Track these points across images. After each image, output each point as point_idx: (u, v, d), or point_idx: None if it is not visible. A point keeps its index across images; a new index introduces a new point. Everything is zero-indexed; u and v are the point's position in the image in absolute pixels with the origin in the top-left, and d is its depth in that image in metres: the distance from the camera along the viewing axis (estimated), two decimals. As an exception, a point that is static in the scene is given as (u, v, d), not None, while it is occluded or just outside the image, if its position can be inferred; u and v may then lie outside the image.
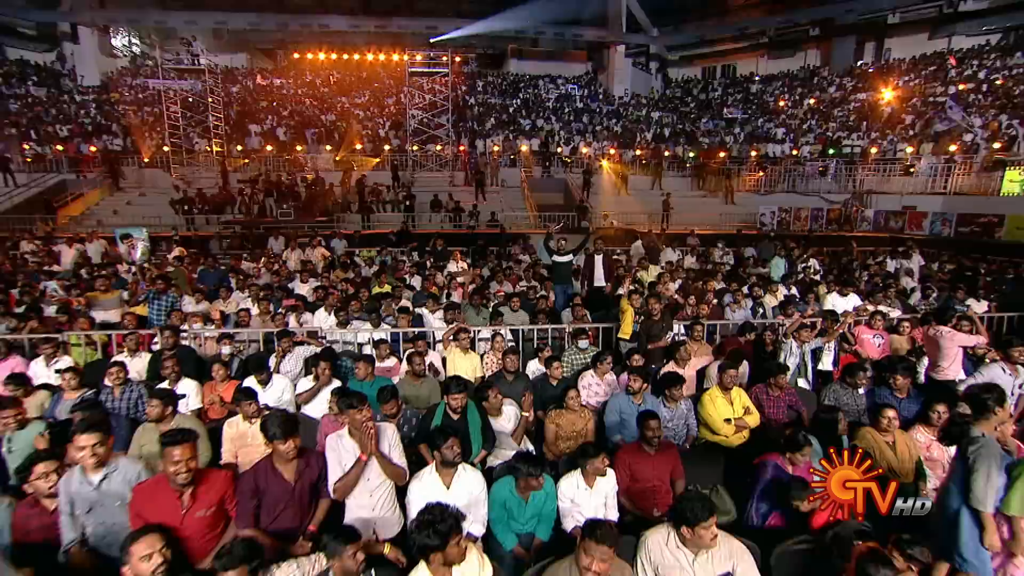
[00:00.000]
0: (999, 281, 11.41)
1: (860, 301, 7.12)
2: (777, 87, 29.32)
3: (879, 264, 12.32)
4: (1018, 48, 25.46)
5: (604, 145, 25.21)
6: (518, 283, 10.14)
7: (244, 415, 4.03)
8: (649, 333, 5.77)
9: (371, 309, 6.89)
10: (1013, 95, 21.53)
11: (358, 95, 28.95)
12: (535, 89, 31.87)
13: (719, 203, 21.13)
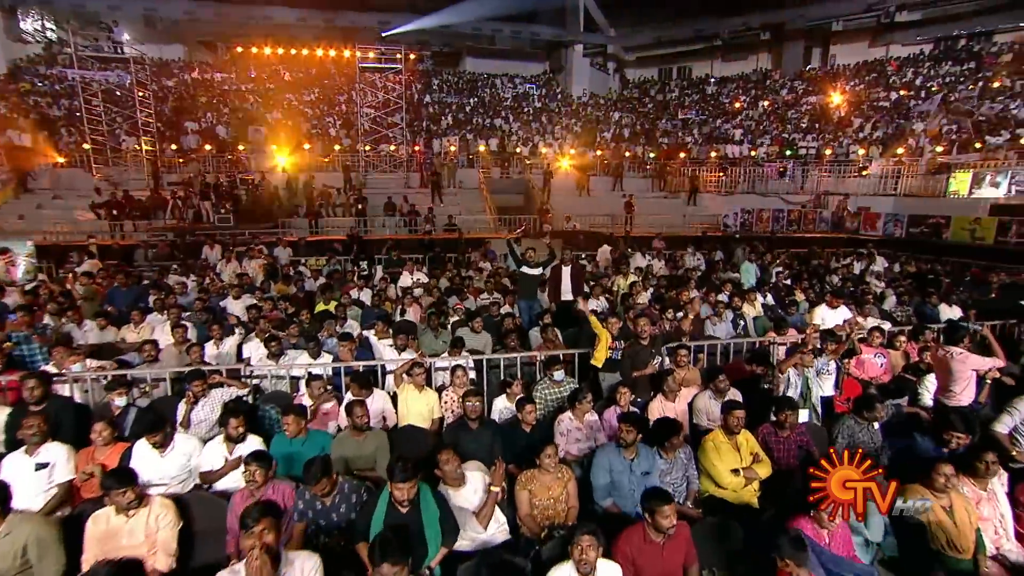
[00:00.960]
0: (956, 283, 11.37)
1: (850, 313, 6.58)
2: (732, 89, 29.49)
3: (846, 267, 12.09)
4: (948, 58, 26.53)
5: (563, 144, 24.60)
6: (479, 296, 9.23)
7: (116, 507, 2.96)
8: (635, 359, 4.97)
9: (310, 336, 5.81)
10: (948, 100, 22.24)
11: (307, 92, 27.26)
12: (492, 88, 30.97)
13: (681, 204, 20.83)
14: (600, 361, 5.17)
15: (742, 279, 10.72)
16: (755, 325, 7.75)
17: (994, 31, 26.84)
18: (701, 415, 4.82)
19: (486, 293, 9.21)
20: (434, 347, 6.45)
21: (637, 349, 4.99)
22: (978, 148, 17.38)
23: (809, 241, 16.23)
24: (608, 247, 13.07)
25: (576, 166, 21.87)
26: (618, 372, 5.07)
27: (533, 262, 7.61)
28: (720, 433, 3.98)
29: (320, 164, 20.64)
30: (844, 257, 13.94)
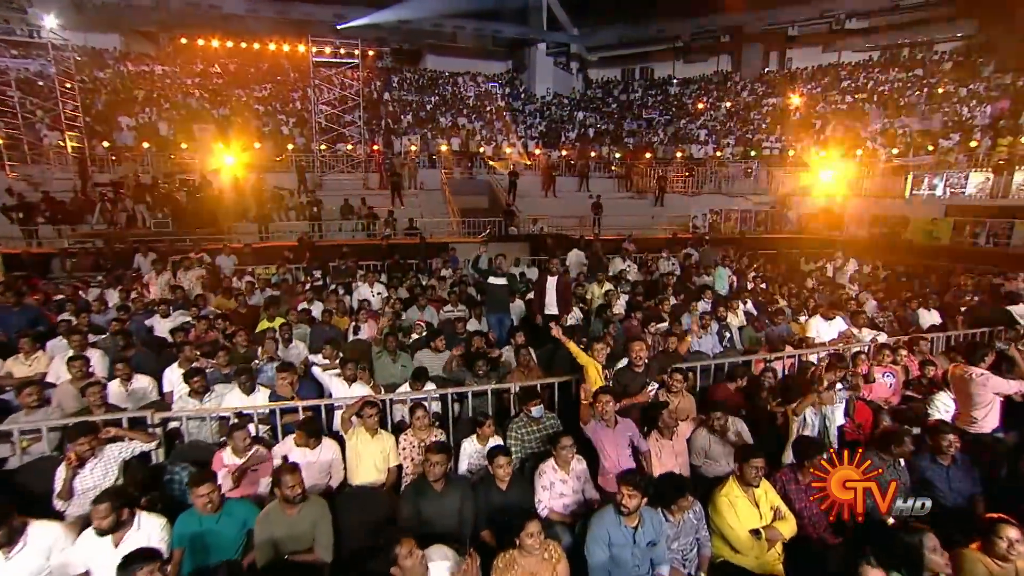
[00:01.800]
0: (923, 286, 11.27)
1: (845, 325, 6.09)
2: (694, 90, 29.53)
3: (819, 269, 11.85)
4: (895, 64, 27.35)
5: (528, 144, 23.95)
6: (442, 308, 8.39)
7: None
8: (625, 386, 4.25)
9: (241, 367, 4.86)
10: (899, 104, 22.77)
11: (258, 88, 25.65)
12: (454, 86, 30.04)
13: (648, 205, 20.48)
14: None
15: (715, 285, 10.27)
16: (741, 337, 7.22)
17: (933, 41, 27.85)
18: (699, 454, 4.16)
19: (450, 305, 8.38)
20: (391, 374, 5.60)
21: (630, 378, 4.28)
22: (931, 150, 17.68)
23: (777, 242, 16.08)
24: (579, 251, 12.42)
25: (542, 166, 21.23)
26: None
27: (500, 271, 6.84)
28: (735, 486, 3.30)
29: (272, 164, 19.29)
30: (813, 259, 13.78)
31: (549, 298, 6.65)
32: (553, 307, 6.75)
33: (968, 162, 16.56)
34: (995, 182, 14.64)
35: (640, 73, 34.68)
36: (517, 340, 5.56)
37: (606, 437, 3.73)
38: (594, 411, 3.81)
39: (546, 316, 6.71)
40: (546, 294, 6.58)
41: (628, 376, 4.27)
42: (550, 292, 6.59)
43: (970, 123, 18.57)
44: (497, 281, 6.77)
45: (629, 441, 3.77)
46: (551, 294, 6.59)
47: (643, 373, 4.28)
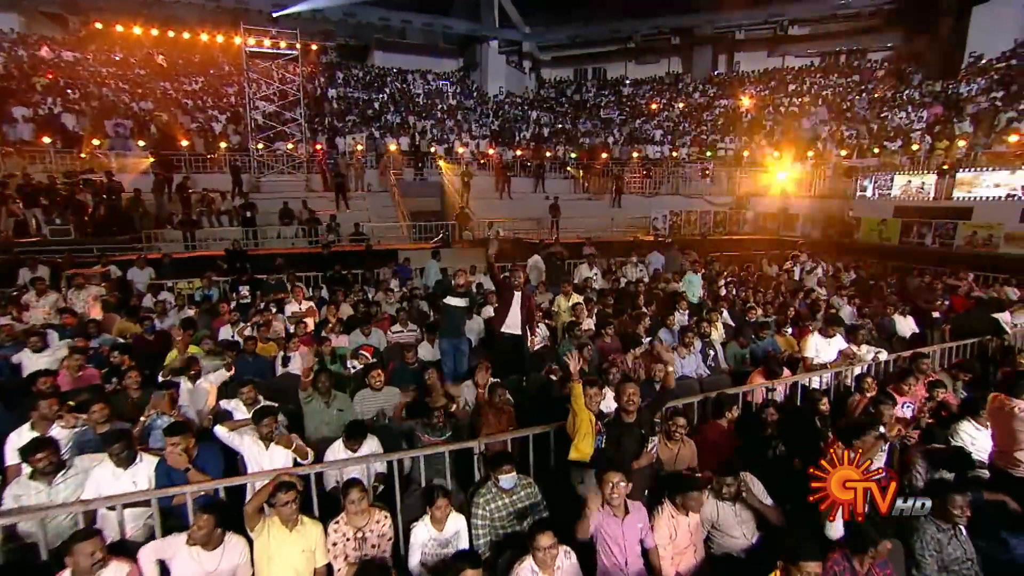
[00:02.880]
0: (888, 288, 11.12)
1: (845, 343, 5.47)
2: (647, 90, 29.41)
3: (786, 272, 11.48)
4: (834, 70, 28.19)
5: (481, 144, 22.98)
6: (389, 328, 7.31)
7: None
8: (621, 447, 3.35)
9: (113, 432, 3.65)
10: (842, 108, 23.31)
11: (189, 81, 23.42)
12: (403, 84, 28.65)
13: (605, 206, 19.95)
14: (585, 455, 3.44)
15: (686, 292, 9.65)
16: (725, 354, 6.53)
17: (867, 49, 28.94)
18: (705, 523, 3.33)
19: (399, 324, 7.30)
20: (324, 423, 4.50)
21: (621, 430, 3.39)
22: (876, 153, 17.98)
23: (737, 243, 15.83)
24: (539, 257, 11.55)
25: (495, 166, 20.30)
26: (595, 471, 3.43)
27: (460, 289, 5.84)
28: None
29: (202, 164, 17.47)
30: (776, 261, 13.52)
31: (512, 318, 5.72)
32: (516, 327, 5.82)
33: (911, 165, 16.88)
34: (938, 184, 14.90)
35: (593, 73, 34.39)
36: (482, 376, 4.55)
37: (611, 530, 2.83)
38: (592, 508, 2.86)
39: (508, 336, 5.78)
40: (510, 312, 5.64)
41: (619, 429, 3.38)
42: (515, 309, 5.65)
43: (909, 128, 19.04)
44: (456, 302, 5.75)
45: (639, 534, 2.88)
46: (516, 312, 5.66)
47: (637, 423, 3.39)
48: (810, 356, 5.16)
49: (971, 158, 15.43)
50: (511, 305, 5.66)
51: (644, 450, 3.32)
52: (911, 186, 16.15)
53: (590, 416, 3.40)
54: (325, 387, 4.58)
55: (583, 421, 3.38)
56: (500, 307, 5.75)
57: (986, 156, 15.28)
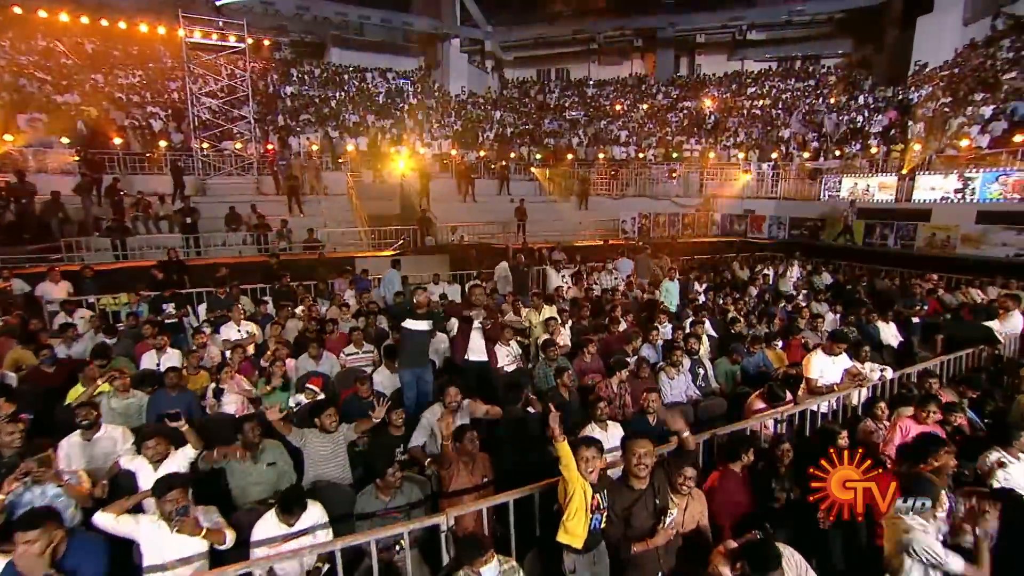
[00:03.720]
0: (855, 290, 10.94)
1: (850, 361, 4.96)
2: (611, 92, 29.20)
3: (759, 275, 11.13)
4: (790, 76, 28.72)
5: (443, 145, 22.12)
6: (343, 351, 6.44)
7: None
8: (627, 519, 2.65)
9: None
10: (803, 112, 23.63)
11: (125, 74, 21.58)
12: (362, 82, 27.44)
13: (572, 208, 19.45)
14: (577, 537, 2.68)
15: (663, 300, 9.14)
16: (715, 372, 5.97)
17: (821, 56, 29.65)
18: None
19: (353, 346, 6.44)
20: (248, 483, 3.64)
21: (630, 501, 2.69)
22: (837, 156, 18.15)
23: (707, 246, 15.57)
24: (506, 264, 10.84)
25: (458, 168, 19.49)
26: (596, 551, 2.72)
27: (421, 310, 5.04)
28: None
29: (138, 164, 15.99)
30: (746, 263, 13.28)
31: (476, 342, 4.99)
32: (481, 351, 5.09)
33: (870, 168, 17.08)
34: (899, 187, 15.05)
35: (556, 74, 34.03)
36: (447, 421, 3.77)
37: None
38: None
39: (471, 363, 5.05)
40: (471, 339, 4.91)
41: (626, 497, 2.69)
42: (477, 336, 4.93)
43: (866, 131, 19.33)
44: (416, 326, 4.94)
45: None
46: (477, 337, 4.94)
47: (649, 491, 2.71)
48: (814, 377, 4.64)
49: (926, 162, 15.66)
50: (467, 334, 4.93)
51: (660, 526, 2.64)
52: (858, 188, 16.36)
53: (584, 487, 2.68)
54: (252, 438, 3.71)
55: (575, 492, 2.66)
56: (460, 335, 5.00)
57: (940, 159, 15.55)
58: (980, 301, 10.20)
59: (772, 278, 11.02)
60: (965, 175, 14.03)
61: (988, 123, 15.64)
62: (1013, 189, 13.08)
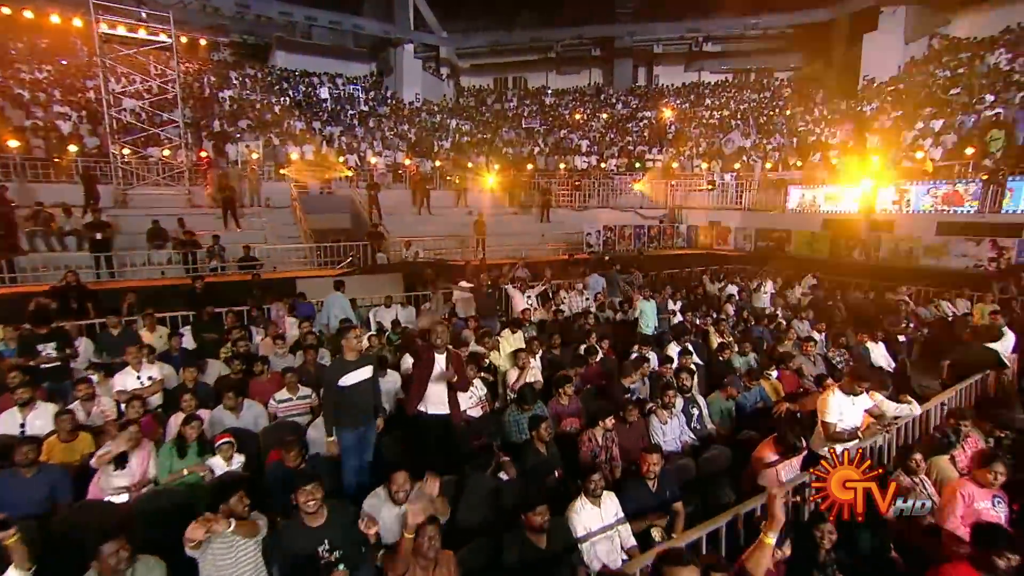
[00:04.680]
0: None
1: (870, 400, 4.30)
2: (570, 101, 29.01)
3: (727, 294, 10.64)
4: (746, 87, 29.43)
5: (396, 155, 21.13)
6: (273, 396, 5.40)
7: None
8: None
9: None
10: (760, 121, 24.06)
11: (29, 70, 19.49)
12: (309, 87, 26.10)
13: (533, 221, 18.83)
14: None
15: (640, 322, 8.52)
16: (710, 410, 5.29)
17: (774, 69, 30.58)
18: None
19: (286, 390, 5.41)
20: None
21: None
22: (799, 166, 18.33)
23: (675, 259, 15.20)
24: (467, 284, 9.97)
25: (413, 178, 18.53)
26: None
27: (359, 356, 4.10)
28: None
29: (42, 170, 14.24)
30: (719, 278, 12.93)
31: (436, 390, 4.12)
32: (442, 403, 4.20)
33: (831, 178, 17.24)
34: (864, 198, 15.17)
35: (513, 82, 33.70)
36: (415, 517, 2.84)
37: None
38: None
39: (430, 417, 4.16)
40: (429, 388, 4.04)
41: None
42: (438, 378, 4.05)
43: (827, 143, 19.69)
44: (355, 378, 3.98)
45: None
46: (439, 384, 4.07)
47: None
48: (832, 421, 4.01)
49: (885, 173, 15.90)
50: (429, 378, 4.05)
51: None
52: (804, 199, 16.56)
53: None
54: (112, 563, 2.66)
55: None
56: (416, 382, 4.11)
57: (897, 171, 15.83)
58: (952, 314, 10.21)
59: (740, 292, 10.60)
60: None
61: (939, 136, 16.08)
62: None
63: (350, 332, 4.01)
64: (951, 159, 15.04)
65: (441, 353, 4.16)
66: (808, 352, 6.54)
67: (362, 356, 4.09)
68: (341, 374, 3.85)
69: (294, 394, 5.41)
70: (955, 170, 14.52)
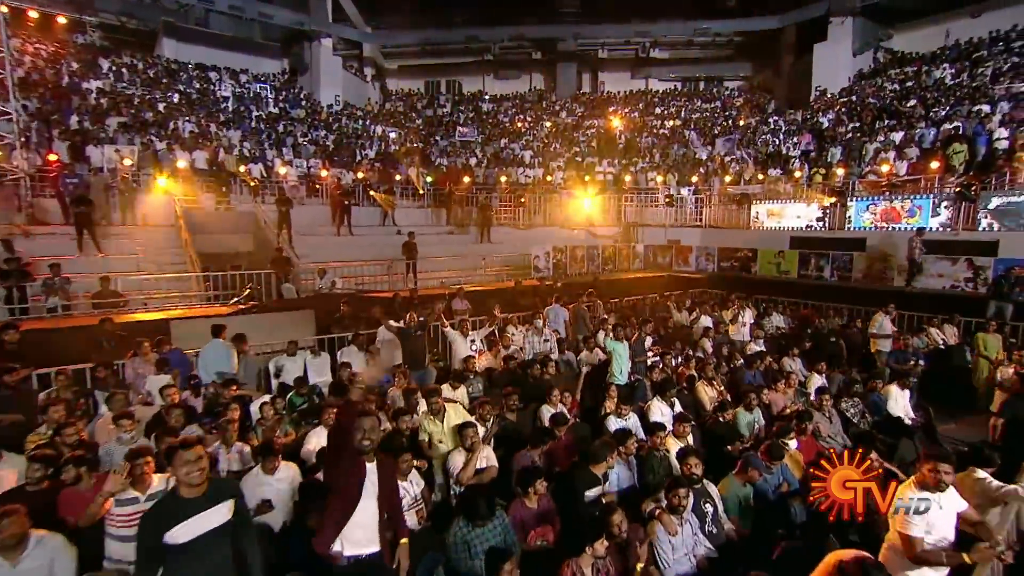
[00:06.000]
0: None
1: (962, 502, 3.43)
2: (509, 107, 28.44)
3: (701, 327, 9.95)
4: (696, 96, 30.17)
5: (313, 164, 19.52)
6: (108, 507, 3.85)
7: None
8: None
9: None
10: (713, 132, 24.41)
11: None
12: (205, 84, 23.95)
13: (471, 241, 17.75)
14: None
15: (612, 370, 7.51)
16: (725, 504, 4.27)
17: (723, 78, 31.63)
18: None
19: (134, 488, 3.85)
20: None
21: None
22: (760, 180, 18.42)
23: (634, 284, 14.54)
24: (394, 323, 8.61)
25: (331, 192, 16.97)
26: None
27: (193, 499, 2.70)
28: None
29: None
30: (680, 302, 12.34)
31: (363, 521, 2.86)
32: (371, 540, 2.92)
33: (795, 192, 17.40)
34: (831, 214, 15.26)
35: (447, 86, 32.89)
36: None
37: None
38: None
39: (353, 565, 2.87)
40: (352, 519, 2.78)
41: None
42: (364, 512, 2.81)
43: (786, 155, 20.03)
44: (195, 530, 2.59)
45: None
46: (364, 517, 2.82)
47: None
48: (918, 536, 3.07)
49: (849, 187, 16.16)
50: (354, 500, 2.79)
51: None
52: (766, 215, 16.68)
53: None
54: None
55: None
56: (330, 506, 2.82)
57: (862, 184, 16.13)
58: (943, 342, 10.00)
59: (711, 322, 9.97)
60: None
61: (902, 149, 16.58)
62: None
63: (187, 450, 2.61)
64: (915, 173, 15.45)
65: (371, 461, 2.91)
66: (824, 406, 5.74)
67: (215, 486, 2.71)
68: (167, 524, 2.47)
69: (143, 493, 3.85)
70: (921, 184, 14.89)
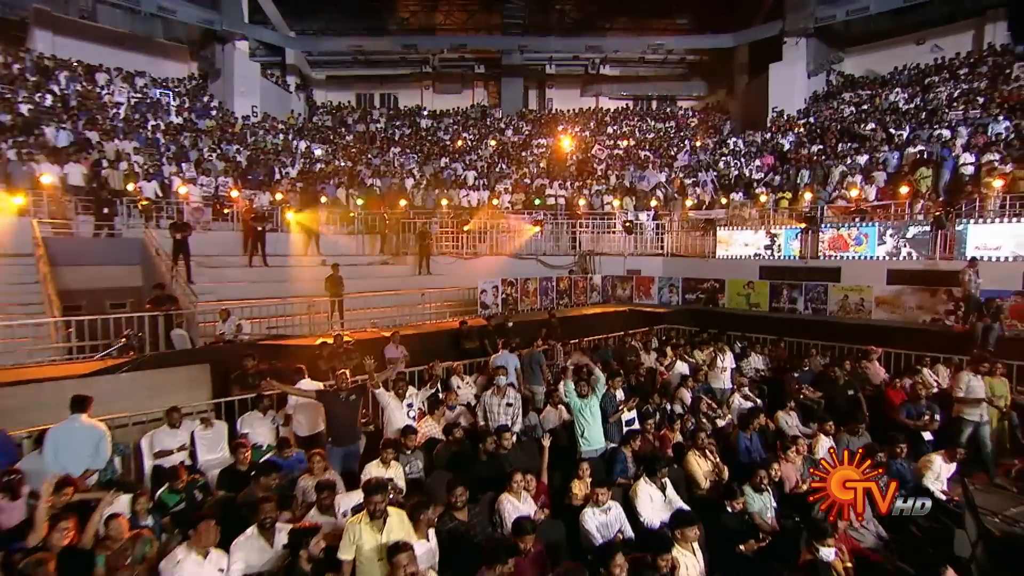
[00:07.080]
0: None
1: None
2: (451, 124, 27.75)
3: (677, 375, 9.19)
4: (648, 115, 30.61)
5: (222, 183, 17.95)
6: None
7: None
8: None
9: None
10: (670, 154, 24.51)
11: None
12: (89, 85, 21.91)
13: (409, 273, 16.60)
14: None
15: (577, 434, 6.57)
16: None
17: (677, 97, 32.33)
18: None
19: None
20: None
21: None
22: (724, 204, 18.33)
23: (595, 321, 13.79)
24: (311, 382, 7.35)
25: (243, 216, 15.44)
26: None
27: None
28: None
29: None
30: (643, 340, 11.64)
31: None
32: None
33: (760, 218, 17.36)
34: (803, 241, 15.15)
35: (381, 100, 31.99)
36: None
37: None
38: None
39: None
40: None
41: None
42: None
43: (748, 178, 20.16)
44: None
45: None
46: None
47: None
48: None
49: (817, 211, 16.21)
50: None
51: None
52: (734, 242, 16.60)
53: None
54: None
55: None
56: None
57: (831, 210, 16.23)
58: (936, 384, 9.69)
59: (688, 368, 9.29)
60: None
61: (868, 173, 16.89)
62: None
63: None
64: (884, 198, 15.67)
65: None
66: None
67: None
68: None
69: None
70: (891, 210, 15.06)
